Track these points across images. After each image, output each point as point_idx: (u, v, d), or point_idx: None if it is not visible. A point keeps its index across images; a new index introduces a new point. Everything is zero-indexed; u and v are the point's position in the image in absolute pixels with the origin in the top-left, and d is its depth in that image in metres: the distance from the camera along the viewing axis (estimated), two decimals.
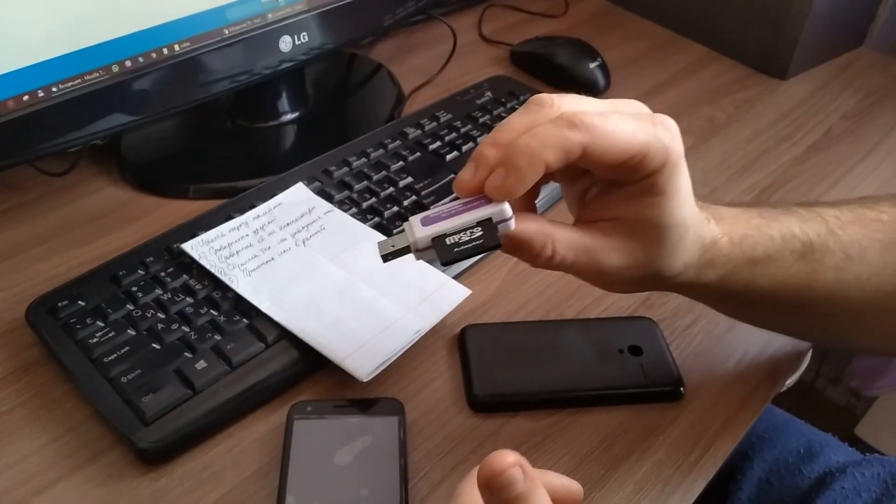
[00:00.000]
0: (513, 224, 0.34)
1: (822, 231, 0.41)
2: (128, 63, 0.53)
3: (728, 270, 0.40)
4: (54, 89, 0.50)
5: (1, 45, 0.47)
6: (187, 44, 0.55)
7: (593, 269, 0.37)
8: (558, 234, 0.36)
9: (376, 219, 0.55)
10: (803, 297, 0.41)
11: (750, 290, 0.40)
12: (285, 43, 0.61)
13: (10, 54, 0.47)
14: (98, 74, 0.51)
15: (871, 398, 1.19)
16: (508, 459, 0.28)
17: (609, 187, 0.37)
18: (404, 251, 0.36)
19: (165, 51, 0.54)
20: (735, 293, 0.41)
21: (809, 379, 1.24)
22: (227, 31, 0.57)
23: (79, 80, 0.50)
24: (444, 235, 0.34)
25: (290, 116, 0.69)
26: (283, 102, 0.69)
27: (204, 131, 0.68)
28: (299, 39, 0.62)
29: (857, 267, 0.41)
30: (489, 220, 0.34)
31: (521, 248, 0.35)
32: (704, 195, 0.61)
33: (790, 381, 0.60)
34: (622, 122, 0.33)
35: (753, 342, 0.50)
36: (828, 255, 0.40)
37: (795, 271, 0.40)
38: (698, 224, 0.38)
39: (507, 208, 0.34)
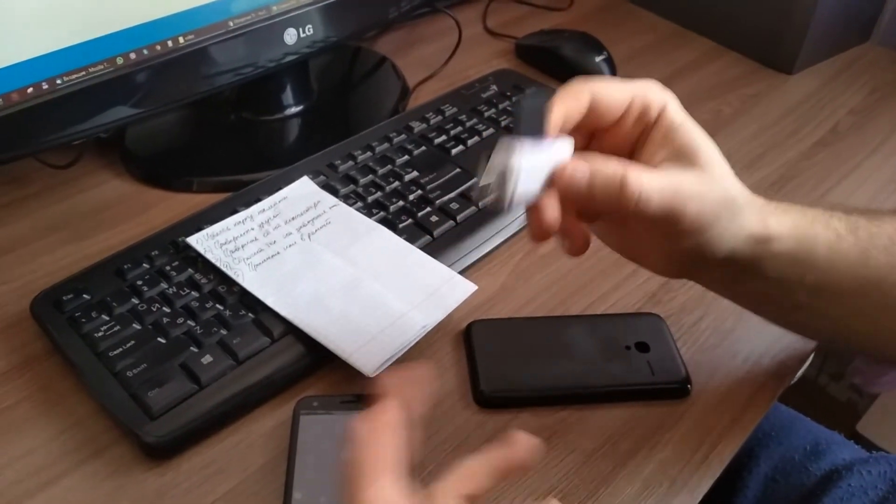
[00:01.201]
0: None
1: (861, 220, 0.41)
2: (132, 55, 0.52)
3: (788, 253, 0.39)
4: (59, 81, 0.49)
5: (5, 36, 0.47)
6: (192, 36, 0.55)
7: (671, 219, 0.36)
8: (646, 173, 0.35)
9: (382, 213, 0.55)
10: (858, 279, 0.40)
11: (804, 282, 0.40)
12: (290, 35, 0.61)
13: (14, 46, 0.47)
14: (103, 67, 0.51)
15: (873, 395, 1.19)
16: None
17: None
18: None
19: (170, 43, 0.54)
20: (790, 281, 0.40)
21: (812, 375, 1.23)
22: (231, 24, 0.57)
23: (83, 73, 0.50)
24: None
25: (294, 110, 0.69)
26: (288, 95, 0.68)
27: (208, 124, 0.68)
28: (304, 32, 0.61)
29: None
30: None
31: (609, 182, 0.35)
32: None
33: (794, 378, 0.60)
34: (617, 81, 0.38)
35: (760, 339, 0.50)
36: (875, 238, 0.40)
37: (849, 247, 0.40)
38: (748, 201, 0.39)
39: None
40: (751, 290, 0.42)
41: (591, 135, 0.40)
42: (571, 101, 0.37)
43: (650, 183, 0.35)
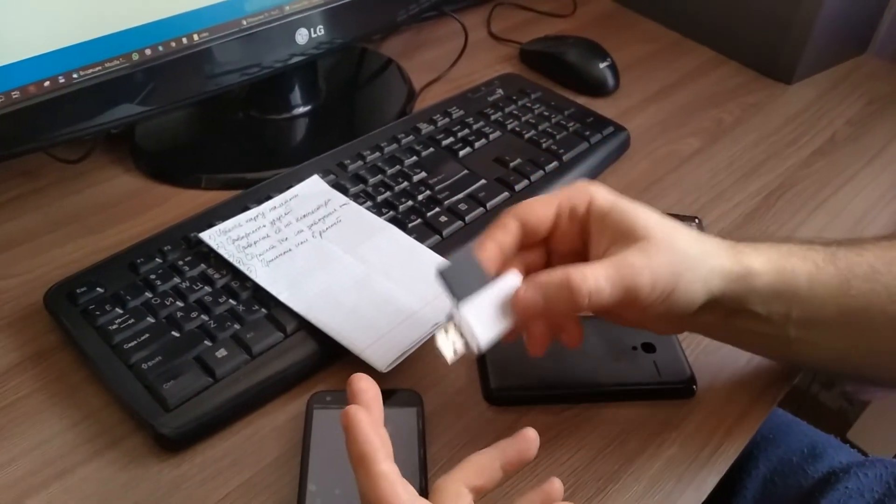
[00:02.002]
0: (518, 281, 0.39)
1: (840, 251, 0.42)
2: (147, 51, 0.53)
3: (771, 297, 0.40)
4: (75, 76, 0.50)
5: (25, 30, 0.47)
6: (206, 34, 0.55)
7: (630, 297, 0.38)
8: (582, 266, 0.37)
9: (391, 212, 0.56)
10: (840, 307, 0.41)
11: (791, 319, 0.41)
12: (301, 36, 0.61)
13: (34, 39, 0.47)
14: (118, 62, 0.51)
15: (864, 403, 1.21)
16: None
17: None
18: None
19: (184, 40, 0.54)
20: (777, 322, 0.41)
21: (804, 383, 1.25)
22: (244, 22, 0.57)
23: (99, 68, 0.51)
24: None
25: (302, 109, 0.69)
26: (296, 95, 0.69)
27: (217, 122, 0.68)
28: (315, 32, 0.62)
29: (885, 278, 0.40)
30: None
31: (559, 292, 0.37)
32: (713, 197, 0.63)
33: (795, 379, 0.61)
34: (540, 198, 0.42)
35: None
36: (855, 266, 0.41)
37: (829, 278, 0.40)
38: (708, 247, 0.40)
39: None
40: (746, 331, 0.43)
41: (544, 248, 0.43)
42: (499, 233, 0.40)
43: (595, 276, 0.37)
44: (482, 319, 0.38)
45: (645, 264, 0.38)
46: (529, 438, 0.36)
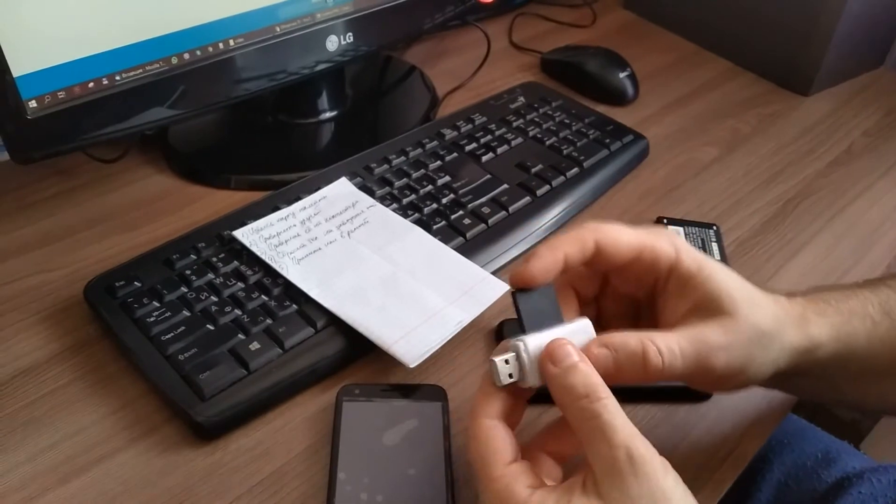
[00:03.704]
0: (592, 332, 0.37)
1: (892, 296, 0.42)
2: (186, 55, 0.55)
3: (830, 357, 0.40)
4: (118, 77, 0.52)
5: (72, 32, 0.49)
6: (241, 39, 0.57)
7: (700, 373, 0.36)
8: (659, 338, 0.36)
9: (417, 214, 0.57)
10: (893, 358, 0.41)
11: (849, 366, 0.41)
12: (332, 42, 0.63)
13: (80, 42, 0.49)
14: (158, 65, 0.53)
15: (876, 416, 1.21)
16: (565, 341, 0.35)
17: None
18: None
19: (221, 45, 0.56)
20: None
21: None
22: (278, 29, 0.59)
23: (140, 70, 0.52)
24: None
25: (329, 114, 0.71)
26: (324, 100, 0.71)
27: (247, 125, 0.70)
28: (345, 39, 0.64)
29: None
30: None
31: (631, 359, 0.35)
32: (731, 205, 0.64)
33: None
34: (628, 228, 0.39)
35: None
36: None
37: (884, 332, 0.41)
38: (782, 321, 0.39)
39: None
40: (800, 388, 0.44)
41: (600, 279, 0.41)
42: (575, 246, 0.37)
43: (671, 350, 0.35)
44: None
45: (723, 345, 0.36)
46: None
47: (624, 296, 0.41)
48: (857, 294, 0.42)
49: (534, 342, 0.35)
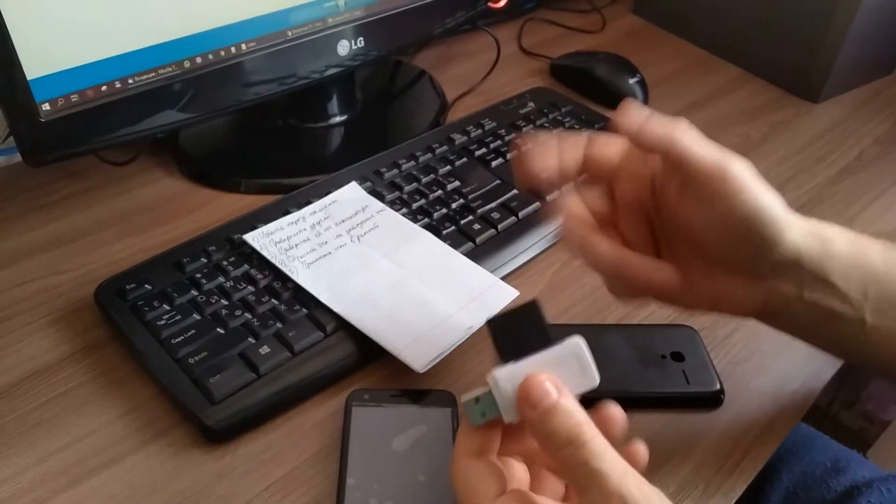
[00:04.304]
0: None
1: None
2: (198, 59, 0.55)
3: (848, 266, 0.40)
4: (130, 81, 0.52)
5: (87, 36, 0.49)
6: (253, 43, 0.58)
7: (720, 173, 0.39)
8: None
9: (426, 219, 0.57)
10: None
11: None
12: (343, 47, 0.63)
13: (94, 45, 0.50)
14: (171, 69, 0.53)
15: (884, 424, 1.20)
16: (542, 377, 0.33)
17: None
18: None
19: (233, 49, 0.57)
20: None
21: (825, 402, 1.25)
22: (290, 33, 0.60)
23: (153, 74, 0.53)
24: None
25: (339, 119, 0.71)
26: (334, 105, 0.71)
27: (257, 129, 0.71)
28: (356, 44, 0.64)
29: None
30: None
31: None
32: None
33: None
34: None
35: (791, 354, 0.51)
36: None
37: None
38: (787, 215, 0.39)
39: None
40: (824, 311, 0.41)
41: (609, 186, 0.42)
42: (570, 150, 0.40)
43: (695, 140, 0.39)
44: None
45: (742, 165, 0.39)
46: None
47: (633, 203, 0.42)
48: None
49: (507, 376, 0.32)
